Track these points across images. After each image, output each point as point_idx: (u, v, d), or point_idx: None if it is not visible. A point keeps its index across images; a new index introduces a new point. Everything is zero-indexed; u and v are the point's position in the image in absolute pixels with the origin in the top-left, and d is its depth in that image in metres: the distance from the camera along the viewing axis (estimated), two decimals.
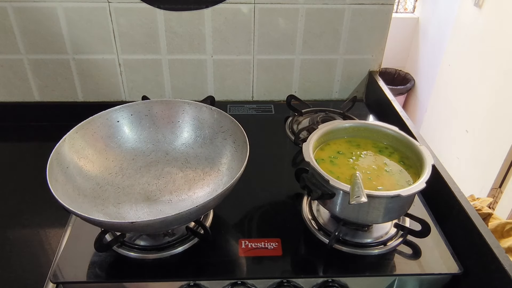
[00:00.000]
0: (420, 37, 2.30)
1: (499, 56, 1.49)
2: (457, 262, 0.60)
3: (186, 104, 0.76)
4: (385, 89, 0.98)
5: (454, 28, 1.82)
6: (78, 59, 0.97)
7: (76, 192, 0.63)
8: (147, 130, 0.76)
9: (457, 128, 1.77)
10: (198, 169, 0.73)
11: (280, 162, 0.86)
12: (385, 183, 0.61)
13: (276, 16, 0.95)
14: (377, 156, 0.67)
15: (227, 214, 0.69)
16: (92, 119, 0.71)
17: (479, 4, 1.60)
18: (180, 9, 0.92)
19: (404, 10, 2.41)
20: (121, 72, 1.00)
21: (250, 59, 1.01)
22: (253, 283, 0.58)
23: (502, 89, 1.47)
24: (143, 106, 0.76)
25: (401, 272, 0.60)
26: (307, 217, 0.68)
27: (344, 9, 0.95)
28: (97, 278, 0.58)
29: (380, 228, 0.66)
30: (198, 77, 1.02)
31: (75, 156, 0.66)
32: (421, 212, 0.70)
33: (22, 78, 0.99)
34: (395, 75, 2.43)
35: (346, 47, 1.00)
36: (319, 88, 1.07)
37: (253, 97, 1.07)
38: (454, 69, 1.84)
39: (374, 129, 0.71)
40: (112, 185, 0.69)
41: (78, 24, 0.92)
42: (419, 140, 0.75)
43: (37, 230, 0.68)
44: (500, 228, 0.93)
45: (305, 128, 0.89)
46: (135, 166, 0.74)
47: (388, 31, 0.99)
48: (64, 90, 1.01)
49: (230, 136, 0.71)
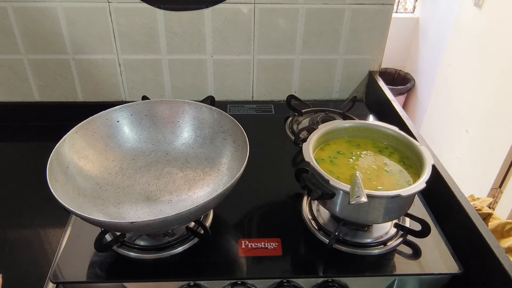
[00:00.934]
0: (420, 37, 2.30)
1: (499, 56, 1.49)
2: (457, 262, 0.60)
3: (186, 104, 0.76)
4: (385, 89, 0.98)
5: (454, 28, 1.82)
6: (78, 59, 0.97)
7: (76, 192, 0.63)
8: (147, 130, 0.76)
9: (457, 128, 1.77)
10: (198, 169, 0.73)
11: (280, 162, 0.86)
12: (385, 183, 0.61)
13: (276, 16, 0.95)
14: (377, 156, 0.67)
15: (227, 214, 0.69)
16: (92, 119, 0.71)
17: (479, 4, 1.60)
18: (180, 9, 0.92)
19: (404, 10, 2.41)
20: (121, 72, 1.00)
21: (250, 59, 1.01)
22: (253, 283, 0.58)
23: (502, 89, 1.47)
24: (143, 106, 0.76)
25: (401, 272, 0.60)
26: (307, 217, 0.68)
27: (344, 9, 0.95)
28: (97, 278, 0.58)
29: (380, 228, 0.66)
30: (198, 77, 1.02)
31: (75, 156, 0.66)
32: (421, 212, 0.70)
33: (22, 78, 0.99)
34: (395, 75, 2.43)
35: (346, 47, 1.00)
36: (319, 88, 1.07)
37: (253, 97, 1.07)
38: (454, 69, 1.84)
39: (374, 129, 0.71)
40: (112, 185, 0.69)
41: (78, 24, 0.92)
42: (419, 140, 0.75)
43: (37, 230, 0.68)
44: (500, 228, 0.93)
45: (305, 128, 0.89)
46: (135, 166, 0.74)
47: (388, 31, 0.99)
48: (64, 90, 1.01)
49: (230, 136, 0.71)
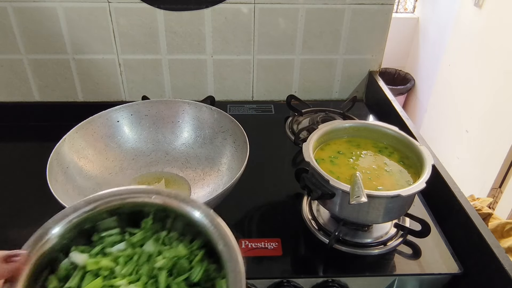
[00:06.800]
0: (420, 37, 2.30)
1: (499, 56, 1.49)
2: (457, 262, 0.60)
3: (186, 104, 0.76)
4: (385, 89, 0.97)
5: (454, 28, 1.82)
6: (78, 59, 0.97)
7: (76, 192, 0.63)
8: (147, 130, 0.76)
9: (457, 128, 1.77)
10: (198, 169, 0.73)
11: (280, 162, 0.86)
12: (385, 183, 0.61)
13: (276, 16, 0.95)
14: (377, 156, 0.67)
15: (227, 214, 0.69)
16: (92, 119, 0.71)
17: (479, 4, 1.60)
18: (180, 9, 0.92)
19: (404, 10, 2.41)
20: (121, 72, 1.00)
21: (250, 59, 1.01)
22: (253, 283, 0.58)
23: (502, 89, 1.47)
24: (143, 106, 0.76)
25: (401, 272, 0.60)
26: (307, 217, 0.68)
27: (344, 9, 0.95)
28: None
29: (380, 228, 0.66)
30: (198, 77, 1.02)
31: (75, 156, 0.66)
32: (421, 212, 0.70)
33: (22, 78, 0.99)
34: (395, 75, 2.43)
35: (346, 47, 1.00)
36: (319, 88, 1.07)
37: (253, 97, 1.07)
38: (454, 69, 1.84)
39: (374, 129, 0.71)
40: (112, 185, 0.69)
41: (78, 24, 0.92)
42: (419, 140, 0.75)
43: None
44: (500, 228, 0.93)
45: (305, 128, 0.89)
46: (135, 166, 0.74)
47: (388, 31, 0.99)
48: (64, 90, 1.01)
49: (230, 136, 0.71)
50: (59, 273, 0.33)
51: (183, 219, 0.35)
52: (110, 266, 0.32)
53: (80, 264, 0.33)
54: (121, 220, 0.36)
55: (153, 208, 0.35)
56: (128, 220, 0.36)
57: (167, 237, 0.36)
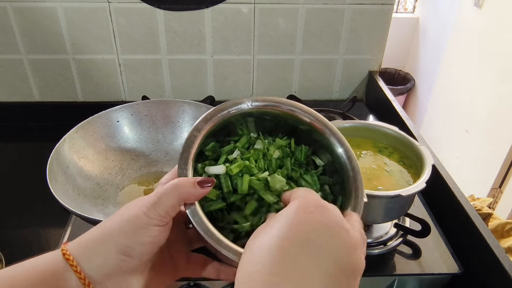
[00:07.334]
0: (420, 37, 2.30)
1: (499, 56, 1.49)
2: (457, 262, 0.60)
3: (186, 104, 0.76)
4: (385, 89, 0.97)
5: (454, 28, 1.82)
6: (78, 59, 0.97)
7: (76, 192, 0.63)
8: (147, 130, 0.76)
9: (457, 128, 1.77)
10: None
11: None
12: (385, 183, 0.61)
13: (276, 16, 0.95)
14: (377, 156, 0.67)
15: None
16: (92, 119, 0.71)
17: (479, 4, 1.60)
18: (180, 9, 0.92)
19: (404, 10, 2.41)
20: (121, 72, 1.00)
21: (250, 59, 1.01)
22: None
23: (502, 89, 1.47)
24: (143, 106, 0.76)
25: (401, 272, 0.60)
26: None
27: (344, 9, 0.95)
28: None
29: (380, 228, 0.66)
30: (198, 77, 1.02)
31: (75, 156, 0.66)
32: (421, 212, 0.70)
33: (22, 78, 0.99)
34: (395, 75, 2.43)
35: (346, 47, 1.00)
36: (319, 88, 1.07)
37: None
38: (454, 69, 1.84)
39: (374, 129, 0.71)
40: (112, 185, 0.69)
41: (78, 24, 0.92)
42: (419, 140, 0.75)
43: (37, 230, 0.68)
44: (500, 228, 0.93)
45: None
46: (135, 166, 0.74)
47: (388, 31, 0.99)
48: (64, 90, 1.01)
49: None
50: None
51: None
52: (248, 165, 0.38)
53: (221, 173, 0.38)
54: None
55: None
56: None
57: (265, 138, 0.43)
